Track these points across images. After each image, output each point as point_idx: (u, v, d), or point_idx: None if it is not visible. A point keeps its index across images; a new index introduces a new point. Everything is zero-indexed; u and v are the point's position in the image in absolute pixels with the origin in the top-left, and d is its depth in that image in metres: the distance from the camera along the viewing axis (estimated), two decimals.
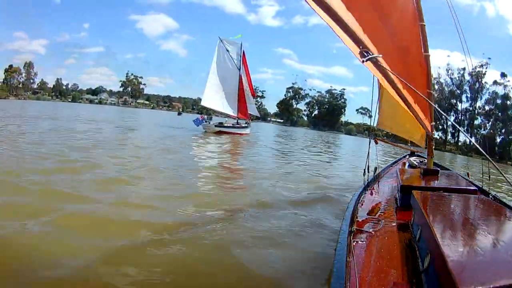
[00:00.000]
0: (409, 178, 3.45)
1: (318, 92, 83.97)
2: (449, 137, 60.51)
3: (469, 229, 1.57)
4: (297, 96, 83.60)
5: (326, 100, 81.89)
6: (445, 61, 60.73)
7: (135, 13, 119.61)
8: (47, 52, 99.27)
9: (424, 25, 3.05)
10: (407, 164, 5.49)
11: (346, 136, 65.04)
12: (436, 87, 58.95)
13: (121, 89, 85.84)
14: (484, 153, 1.78)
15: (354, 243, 1.91)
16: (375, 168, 4.28)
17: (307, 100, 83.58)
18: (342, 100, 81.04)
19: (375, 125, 5.54)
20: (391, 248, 1.89)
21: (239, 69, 25.52)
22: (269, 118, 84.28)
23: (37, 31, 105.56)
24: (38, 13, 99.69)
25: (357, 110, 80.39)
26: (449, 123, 58.25)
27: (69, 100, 79.23)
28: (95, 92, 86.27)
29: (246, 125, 25.50)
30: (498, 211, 1.93)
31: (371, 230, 2.18)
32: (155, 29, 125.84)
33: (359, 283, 1.46)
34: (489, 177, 2.89)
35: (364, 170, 3.86)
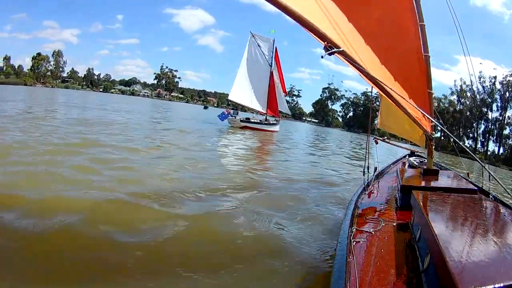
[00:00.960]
0: (409, 178, 3.45)
1: (354, 94, 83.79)
2: (478, 145, 59.76)
3: (469, 229, 1.57)
4: (332, 96, 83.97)
5: (362, 102, 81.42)
6: (477, 68, 60.43)
7: (171, 7, 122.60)
8: (80, 42, 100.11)
9: (424, 25, 3.05)
10: (407, 164, 5.49)
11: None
12: (469, 94, 59.10)
13: (155, 82, 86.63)
14: (474, 157, 1.79)
15: (354, 243, 1.91)
16: (375, 168, 4.28)
17: (342, 101, 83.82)
18: (377, 103, 79.88)
19: (375, 125, 5.54)
20: (391, 248, 1.89)
21: (271, 65, 24.74)
22: (304, 118, 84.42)
23: (68, 20, 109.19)
24: (70, 2, 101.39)
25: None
26: (479, 131, 58.10)
27: (100, 90, 79.38)
28: (128, 83, 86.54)
29: (275, 122, 24.77)
30: (498, 211, 1.93)
31: (371, 230, 2.18)
32: (192, 24, 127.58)
33: (359, 283, 1.46)
34: (489, 177, 2.89)
35: (364, 170, 3.86)
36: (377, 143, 4.79)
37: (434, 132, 3.58)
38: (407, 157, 6.14)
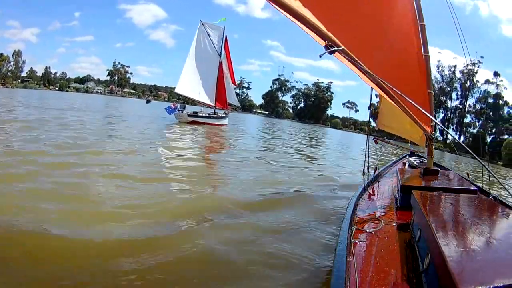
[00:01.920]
0: (409, 178, 3.45)
1: (304, 84, 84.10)
2: (437, 133, 60.67)
3: (469, 229, 1.57)
4: (283, 88, 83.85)
5: (313, 93, 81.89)
6: (435, 58, 60.47)
7: (125, 2, 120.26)
8: (39, 40, 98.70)
9: (424, 25, 3.05)
10: (407, 164, 5.49)
11: (333, 130, 63.46)
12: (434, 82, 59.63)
13: (108, 78, 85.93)
14: (476, 156, 1.80)
15: (354, 243, 1.91)
16: (375, 168, 4.28)
17: (293, 93, 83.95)
18: (329, 93, 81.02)
19: (374, 124, 5.54)
20: (391, 248, 1.89)
21: (220, 55, 23.06)
22: (254, 110, 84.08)
23: (29, 19, 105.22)
24: (31, 1, 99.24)
25: (343, 103, 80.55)
26: (437, 120, 58.31)
27: (56, 88, 78.69)
28: (82, 80, 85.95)
29: (223, 115, 23.29)
30: (498, 211, 1.93)
31: (371, 230, 2.18)
32: (145, 19, 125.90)
33: (359, 283, 1.46)
34: (489, 177, 2.89)
35: (364, 170, 3.86)
36: (376, 143, 4.79)
37: (434, 132, 3.58)
38: (407, 157, 6.14)
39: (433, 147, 3.69)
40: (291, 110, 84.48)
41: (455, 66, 58.74)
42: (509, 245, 1.33)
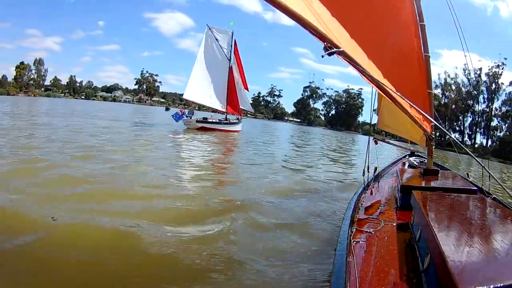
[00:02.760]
0: (409, 178, 3.45)
1: (335, 91, 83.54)
2: (465, 138, 59.42)
3: (469, 229, 1.57)
4: (314, 95, 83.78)
5: (344, 100, 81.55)
6: (462, 62, 59.91)
7: (151, 11, 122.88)
8: (62, 49, 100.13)
9: (424, 25, 3.05)
10: (407, 164, 5.49)
11: (364, 137, 64.46)
12: (453, 87, 58.61)
13: (136, 87, 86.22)
14: (474, 157, 1.80)
15: (354, 243, 1.91)
16: (375, 168, 4.28)
17: (324, 100, 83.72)
18: (360, 100, 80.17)
19: (374, 124, 5.54)
20: (391, 248, 1.89)
21: (230, 60, 22.55)
22: (286, 118, 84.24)
23: (51, 28, 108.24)
24: (51, 10, 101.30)
25: (374, 110, 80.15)
26: (466, 124, 57.55)
27: (82, 97, 79.45)
28: (109, 89, 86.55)
29: (236, 121, 22.71)
30: (498, 211, 1.93)
31: (371, 230, 2.18)
32: (172, 28, 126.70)
33: (359, 283, 1.46)
34: (489, 177, 2.89)
35: (364, 170, 3.86)
36: (376, 143, 4.79)
37: (434, 132, 3.58)
38: (407, 157, 6.14)
39: (433, 147, 3.69)
40: (322, 117, 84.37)
41: (480, 69, 57.10)
42: (509, 245, 1.33)
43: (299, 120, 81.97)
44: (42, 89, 76.70)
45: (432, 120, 2.98)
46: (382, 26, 2.53)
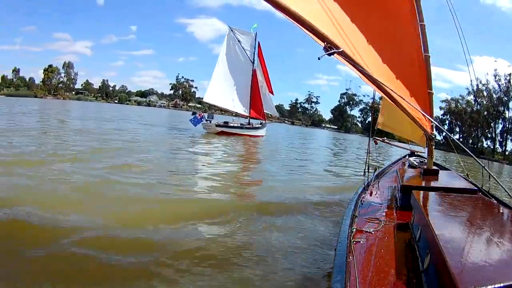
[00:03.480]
0: (409, 178, 3.45)
1: (371, 98, 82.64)
2: (497, 145, 57.59)
3: (469, 229, 1.57)
4: (351, 102, 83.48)
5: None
6: (492, 67, 58.14)
7: (184, 17, 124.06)
8: (93, 53, 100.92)
9: (424, 25, 3.05)
10: (407, 164, 5.49)
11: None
12: (485, 93, 57.09)
13: (171, 92, 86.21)
14: (474, 157, 1.80)
15: (354, 243, 1.91)
16: (375, 168, 4.28)
17: (361, 107, 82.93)
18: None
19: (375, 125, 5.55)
20: (391, 248, 1.89)
21: (253, 62, 21.60)
22: (323, 124, 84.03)
23: (80, 32, 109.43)
24: (79, 15, 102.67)
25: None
26: (497, 131, 56.23)
27: (115, 101, 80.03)
28: (144, 94, 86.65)
29: (259, 125, 21.69)
30: (498, 211, 1.93)
31: (371, 230, 2.18)
32: (207, 33, 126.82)
33: (359, 283, 1.46)
34: (489, 177, 2.89)
35: (364, 170, 3.86)
36: (376, 143, 4.79)
37: (434, 132, 3.58)
38: (407, 157, 6.14)
39: (433, 147, 3.69)
40: (359, 125, 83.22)
41: (510, 75, 55.67)
42: (509, 245, 1.33)
43: (336, 127, 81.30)
44: (73, 92, 77.16)
45: (432, 120, 2.99)
46: (382, 26, 2.53)
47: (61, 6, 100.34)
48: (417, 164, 5.12)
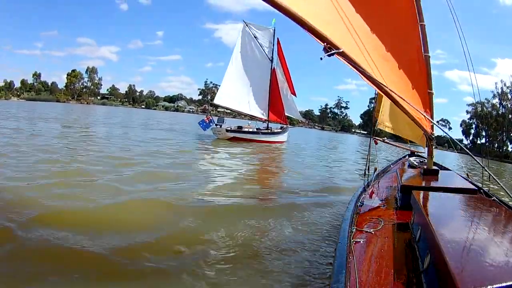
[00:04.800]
0: (409, 178, 3.45)
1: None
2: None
3: (469, 229, 1.57)
4: None
5: None
6: None
7: (211, 22, 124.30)
8: (119, 59, 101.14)
9: (424, 25, 3.05)
10: (407, 164, 5.49)
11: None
12: (510, 96, 56.73)
13: (200, 97, 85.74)
14: (472, 156, 1.80)
15: (354, 243, 1.91)
16: (375, 168, 4.28)
17: None
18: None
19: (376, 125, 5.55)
20: (391, 248, 1.89)
21: (272, 61, 19.16)
22: (353, 130, 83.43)
23: (104, 37, 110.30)
24: (103, 20, 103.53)
25: (437, 121, 76.83)
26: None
27: (142, 106, 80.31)
28: (172, 99, 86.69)
29: (279, 130, 19.10)
30: (498, 211, 1.93)
31: (371, 230, 2.18)
32: (234, 38, 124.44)
33: (359, 283, 1.46)
34: (489, 177, 2.89)
35: (364, 170, 3.86)
36: (376, 143, 4.79)
37: (434, 132, 3.58)
38: (407, 157, 6.14)
39: (433, 147, 3.69)
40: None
41: None
42: (509, 245, 1.33)
43: (365, 132, 78.95)
44: (98, 97, 77.32)
45: (432, 120, 2.99)
46: (382, 26, 2.53)
47: (83, 11, 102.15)
48: (417, 164, 5.12)
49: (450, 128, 73.82)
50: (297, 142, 22.01)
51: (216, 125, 16.68)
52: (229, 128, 16.62)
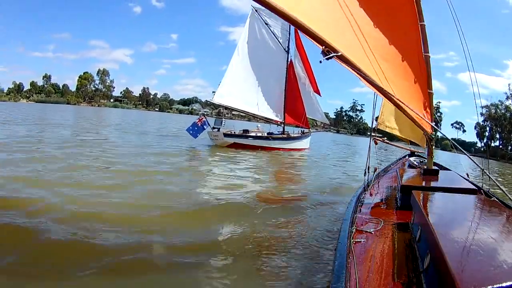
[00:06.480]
0: (409, 178, 3.45)
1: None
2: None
3: (469, 229, 1.57)
4: None
5: None
6: None
7: (225, 25, 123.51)
8: (134, 62, 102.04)
9: (424, 25, 3.05)
10: (407, 164, 5.49)
11: (442, 152, 48.28)
12: None
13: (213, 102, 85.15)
14: (469, 157, 1.81)
15: (354, 243, 1.91)
16: (375, 168, 4.28)
17: None
18: (438, 114, 74.99)
19: (375, 125, 5.55)
20: (391, 248, 1.89)
21: (288, 51, 15.55)
22: (368, 133, 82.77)
23: (118, 40, 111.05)
24: (116, 23, 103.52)
25: (451, 124, 74.89)
26: None
27: (156, 109, 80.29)
28: (186, 102, 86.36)
29: (298, 135, 15.85)
30: (498, 211, 1.93)
31: (371, 230, 2.18)
32: None
33: (359, 283, 1.46)
34: (489, 177, 2.90)
35: (365, 170, 3.86)
36: (376, 143, 4.80)
37: (434, 133, 3.58)
38: (407, 157, 6.14)
39: (433, 147, 3.69)
40: None
41: None
42: (509, 245, 1.33)
43: (380, 135, 79.66)
44: (111, 100, 77.19)
45: (429, 122, 2.99)
46: (382, 27, 2.53)
47: (96, 14, 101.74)
48: (417, 164, 5.12)
49: (464, 131, 73.95)
50: (318, 149, 18.08)
51: (213, 128, 13.34)
52: (228, 132, 13.33)
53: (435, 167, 3.81)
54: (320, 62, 1.71)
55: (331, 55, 1.66)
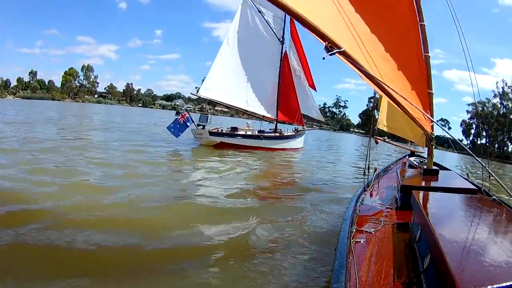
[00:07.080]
0: (409, 178, 3.45)
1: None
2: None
3: (469, 229, 1.57)
4: (378, 106, 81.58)
5: None
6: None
7: (209, 21, 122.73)
8: (119, 57, 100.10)
9: (424, 25, 3.05)
10: (407, 164, 5.49)
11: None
12: (511, 95, 55.91)
13: (197, 96, 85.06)
14: (474, 156, 1.81)
15: (354, 243, 1.91)
16: (375, 168, 4.28)
17: None
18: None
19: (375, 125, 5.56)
20: (391, 248, 1.89)
21: (282, 42, 14.31)
22: (352, 129, 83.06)
23: (104, 36, 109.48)
24: (102, 19, 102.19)
25: (437, 121, 76.51)
26: None
27: (139, 105, 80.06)
28: (169, 98, 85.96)
29: (293, 133, 14.67)
30: (498, 211, 1.93)
31: (371, 230, 2.18)
32: None
33: (359, 283, 1.46)
34: (489, 177, 2.90)
35: (364, 170, 3.86)
36: (377, 143, 4.80)
37: (434, 132, 3.58)
38: (407, 157, 6.14)
39: (433, 147, 3.69)
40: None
41: None
42: (509, 245, 1.33)
43: (364, 132, 77.44)
44: (95, 96, 76.79)
45: (432, 119, 2.99)
46: (382, 26, 2.53)
47: (83, 10, 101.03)
48: (417, 164, 5.12)
49: (449, 128, 73.20)
50: (312, 148, 17.02)
51: (197, 125, 11.82)
52: (214, 130, 11.84)
53: (435, 167, 3.81)
54: (324, 58, 1.71)
55: (334, 51, 1.67)
